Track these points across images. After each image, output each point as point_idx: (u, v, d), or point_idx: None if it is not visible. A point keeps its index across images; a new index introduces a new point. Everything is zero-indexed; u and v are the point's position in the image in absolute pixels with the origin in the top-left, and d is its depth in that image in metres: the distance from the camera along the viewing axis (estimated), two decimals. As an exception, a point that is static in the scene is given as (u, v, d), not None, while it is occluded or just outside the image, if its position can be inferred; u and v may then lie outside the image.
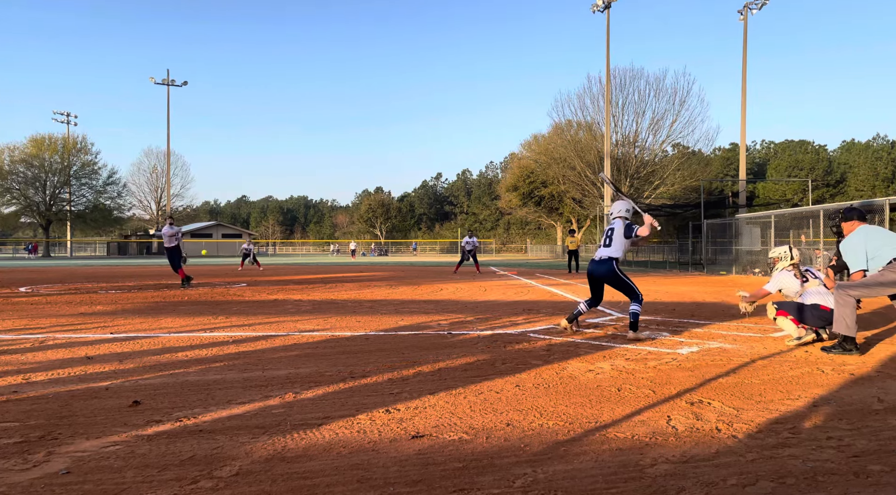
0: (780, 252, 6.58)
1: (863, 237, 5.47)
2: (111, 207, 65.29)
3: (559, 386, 4.13)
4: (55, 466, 2.58)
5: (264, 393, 3.87)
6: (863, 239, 5.45)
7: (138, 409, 3.48)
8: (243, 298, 10.91)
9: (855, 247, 5.47)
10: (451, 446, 2.88)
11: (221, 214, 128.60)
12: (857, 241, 5.48)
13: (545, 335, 6.40)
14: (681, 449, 2.87)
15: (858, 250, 5.42)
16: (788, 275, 6.38)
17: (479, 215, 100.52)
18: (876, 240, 5.40)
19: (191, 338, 6.14)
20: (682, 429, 3.17)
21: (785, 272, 6.43)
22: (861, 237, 5.49)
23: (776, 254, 6.63)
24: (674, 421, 3.32)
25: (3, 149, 59.01)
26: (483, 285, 14.51)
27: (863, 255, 5.38)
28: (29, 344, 5.72)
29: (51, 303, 9.73)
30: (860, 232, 5.55)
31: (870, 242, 5.40)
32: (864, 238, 5.45)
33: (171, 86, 54.67)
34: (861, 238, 5.48)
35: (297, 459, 2.69)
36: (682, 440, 3.00)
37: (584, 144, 46.09)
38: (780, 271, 6.46)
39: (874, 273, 5.32)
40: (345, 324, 7.19)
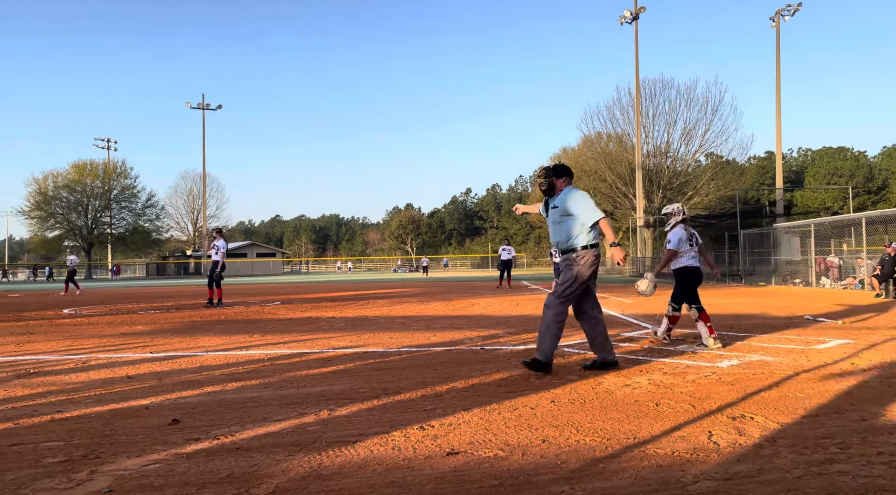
0: (672, 208, 7.05)
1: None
2: (150, 229, 67.04)
3: (595, 401, 4.06)
4: (98, 485, 2.63)
5: (299, 410, 3.90)
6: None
7: (177, 428, 3.53)
8: (278, 316, 11.05)
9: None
10: (487, 463, 2.85)
11: (255, 234, 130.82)
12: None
13: (579, 349, 6.32)
14: (723, 465, 2.79)
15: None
16: (682, 231, 6.80)
17: (510, 229, 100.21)
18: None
19: (227, 356, 6.23)
20: (725, 445, 3.08)
21: (680, 227, 6.84)
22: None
23: (669, 209, 7.07)
24: (715, 436, 3.23)
25: (48, 176, 61.25)
26: (515, 300, 14.43)
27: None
28: (72, 364, 5.87)
29: (93, 325, 9.99)
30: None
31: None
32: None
33: (205, 110, 56.13)
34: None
35: (333, 476, 2.70)
36: (724, 456, 2.92)
37: (614, 156, 45.70)
38: (678, 227, 6.86)
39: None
40: (377, 341, 7.22)
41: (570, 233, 4.98)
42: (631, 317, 9.86)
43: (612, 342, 5.21)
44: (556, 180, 5.14)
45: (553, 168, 5.18)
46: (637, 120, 38.58)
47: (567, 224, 4.97)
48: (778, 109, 29.76)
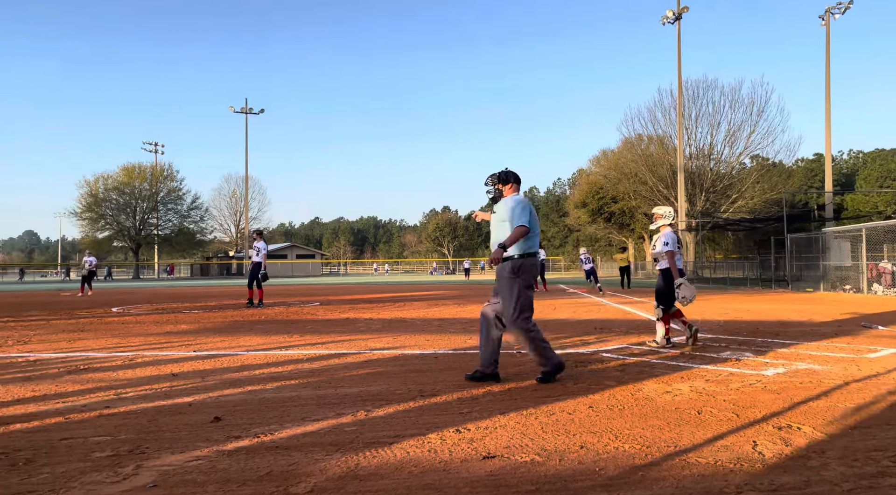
0: (664, 210, 7.19)
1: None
2: (194, 231, 68.78)
3: (635, 407, 3.99)
4: (143, 479, 2.70)
5: (337, 410, 3.94)
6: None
7: (219, 425, 3.60)
8: (316, 317, 11.19)
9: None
10: (524, 468, 2.83)
11: (295, 236, 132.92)
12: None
13: (618, 354, 6.23)
14: (769, 476, 2.71)
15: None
16: (672, 233, 6.93)
17: (547, 232, 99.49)
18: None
19: (267, 356, 6.33)
20: (770, 456, 2.99)
21: (670, 230, 6.98)
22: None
23: (660, 211, 7.19)
24: (760, 446, 3.14)
25: (98, 178, 63.45)
26: (552, 303, 14.30)
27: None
28: (120, 361, 6.06)
29: (140, 323, 10.29)
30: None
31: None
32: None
33: (248, 114, 57.31)
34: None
35: (370, 477, 2.71)
36: (769, 467, 2.83)
37: (655, 158, 44.92)
38: (667, 230, 6.99)
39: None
40: (414, 343, 7.24)
41: (504, 234, 4.91)
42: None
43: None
44: (503, 187, 5.11)
45: (499, 175, 5.13)
46: (679, 121, 37.83)
47: (503, 231, 4.91)
48: (827, 110, 28.82)
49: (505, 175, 5.12)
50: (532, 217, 4.89)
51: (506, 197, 5.07)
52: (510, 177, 5.12)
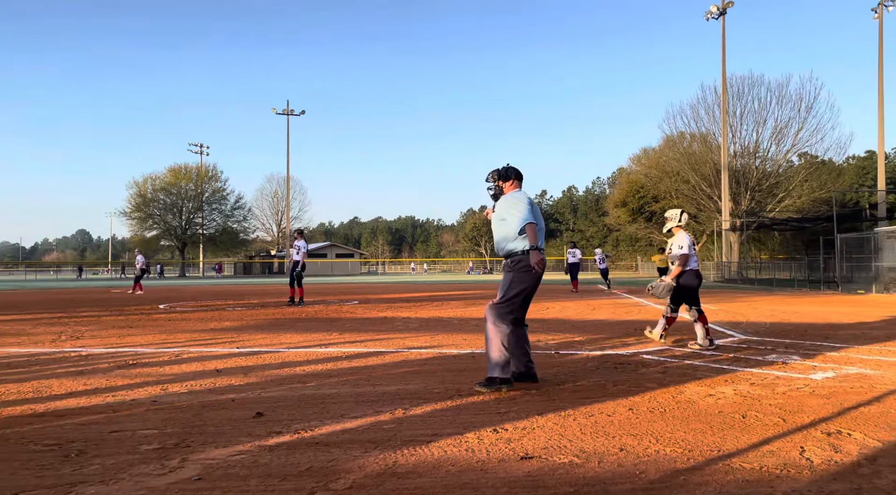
0: (673, 213, 7.23)
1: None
2: (238, 230, 70.30)
3: (676, 410, 3.92)
4: (188, 472, 2.78)
5: (375, 408, 3.97)
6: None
7: (261, 421, 3.68)
8: (355, 315, 11.31)
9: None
10: (562, 469, 2.81)
11: (335, 235, 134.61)
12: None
13: (659, 356, 6.12)
14: (817, 483, 2.62)
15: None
16: (686, 236, 7.02)
17: (586, 232, 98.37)
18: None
19: (307, 353, 6.43)
20: (818, 462, 2.89)
21: (683, 232, 7.07)
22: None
23: (670, 213, 7.25)
24: (808, 452, 3.04)
25: (147, 179, 65.44)
26: (591, 304, 14.14)
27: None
28: (167, 357, 6.24)
29: (185, 320, 10.58)
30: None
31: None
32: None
33: (290, 115, 58.26)
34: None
35: (408, 475, 2.73)
36: (817, 474, 2.74)
37: (698, 157, 43.96)
38: (680, 232, 7.08)
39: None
40: (451, 342, 7.25)
41: (505, 238, 4.75)
42: (715, 324, 9.44)
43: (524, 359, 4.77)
44: (504, 184, 4.95)
45: (500, 171, 4.98)
46: (723, 119, 36.96)
47: (503, 228, 4.76)
48: (880, 105, 27.74)
49: (506, 171, 4.97)
50: (536, 212, 4.73)
51: (506, 194, 4.90)
52: (511, 173, 4.96)
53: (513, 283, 4.65)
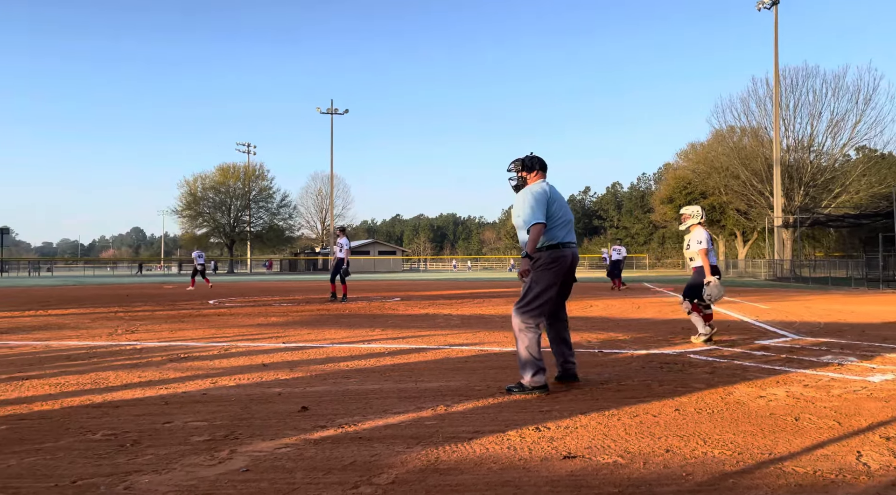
0: (692, 210, 7.21)
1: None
2: (283, 228, 71.80)
3: (725, 412, 3.82)
4: (237, 464, 2.85)
5: (417, 404, 4.00)
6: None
7: (306, 415, 3.75)
8: (397, 312, 11.40)
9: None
10: (606, 469, 2.77)
11: (377, 232, 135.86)
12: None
13: (707, 356, 5.97)
14: (874, 489, 2.52)
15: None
16: (704, 231, 7.00)
17: (631, 229, 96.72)
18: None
19: (351, 349, 6.52)
20: (876, 467, 2.78)
21: (701, 228, 7.04)
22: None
23: (689, 211, 7.22)
24: (865, 457, 2.92)
25: (197, 178, 67.42)
26: (636, 302, 13.90)
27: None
28: (216, 351, 6.42)
29: (233, 315, 10.85)
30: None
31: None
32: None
33: (334, 114, 59.04)
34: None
35: (450, 471, 2.74)
36: (875, 479, 2.63)
37: (749, 151, 42.67)
38: (698, 228, 7.05)
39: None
40: (493, 339, 7.24)
41: (524, 235, 4.40)
42: (767, 323, 9.16)
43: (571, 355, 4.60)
44: (527, 175, 4.58)
45: (523, 161, 4.60)
46: (776, 112, 35.76)
47: (519, 224, 4.45)
48: (946, 95, 26.36)
49: (529, 161, 4.58)
50: (554, 205, 4.37)
51: (528, 185, 4.54)
52: (535, 163, 4.57)
53: (533, 283, 4.36)
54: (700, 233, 6.98)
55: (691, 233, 7.11)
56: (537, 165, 4.58)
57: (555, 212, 4.37)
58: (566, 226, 4.43)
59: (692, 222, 7.13)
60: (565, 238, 4.38)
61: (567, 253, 4.38)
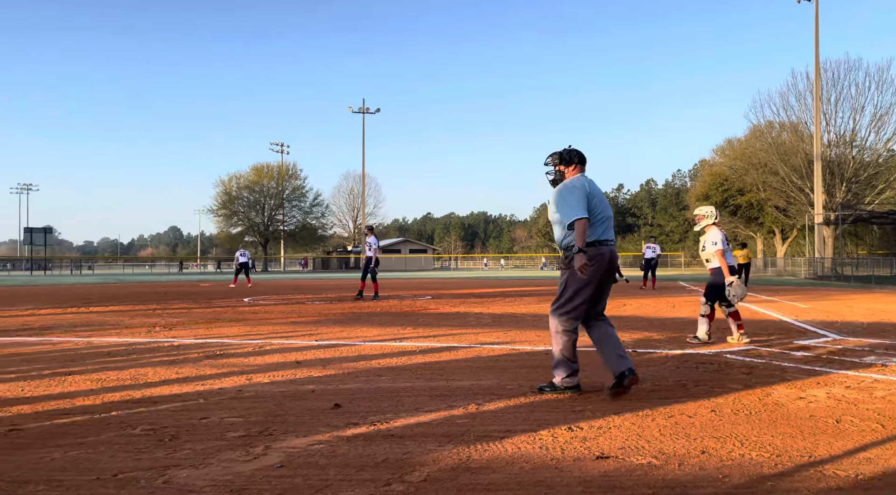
0: (706, 210, 7.14)
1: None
2: (316, 226, 72.65)
3: (763, 413, 3.73)
4: (271, 459, 2.90)
5: (448, 402, 4.00)
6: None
7: (339, 412, 3.78)
8: (428, 310, 11.43)
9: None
10: (639, 470, 2.73)
11: (408, 231, 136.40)
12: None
13: (744, 356, 5.84)
14: (922, 497, 2.43)
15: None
16: (719, 231, 6.93)
17: (665, 227, 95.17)
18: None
19: (382, 347, 6.56)
20: (924, 474, 2.68)
21: (716, 228, 6.98)
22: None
23: (703, 211, 7.13)
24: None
25: (232, 178, 68.65)
26: (671, 301, 13.68)
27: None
28: (251, 348, 6.52)
29: (267, 313, 11.02)
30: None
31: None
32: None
33: (365, 113, 59.46)
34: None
35: (482, 470, 2.74)
36: (923, 487, 2.54)
37: (788, 147, 41.60)
38: (713, 229, 6.99)
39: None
40: (525, 338, 7.21)
41: (563, 231, 4.26)
42: (806, 323, 8.93)
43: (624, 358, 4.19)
44: (565, 169, 4.39)
45: (561, 154, 4.41)
46: (816, 106, 34.79)
47: (556, 220, 4.31)
48: None
49: (568, 154, 4.39)
50: (594, 200, 4.20)
51: (566, 180, 4.37)
52: (574, 156, 4.38)
53: (568, 282, 4.22)
54: (715, 234, 6.91)
55: (706, 233, 7.03)
56: (576, 158, 4.40)
57: (594, 208, 4.22)
58: (605, 223, 4.27)
59: (706, 223, 7.05)
60: (603, 235, 4.23)
61: (605, 251, 4.22)
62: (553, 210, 4.34)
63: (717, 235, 6.89)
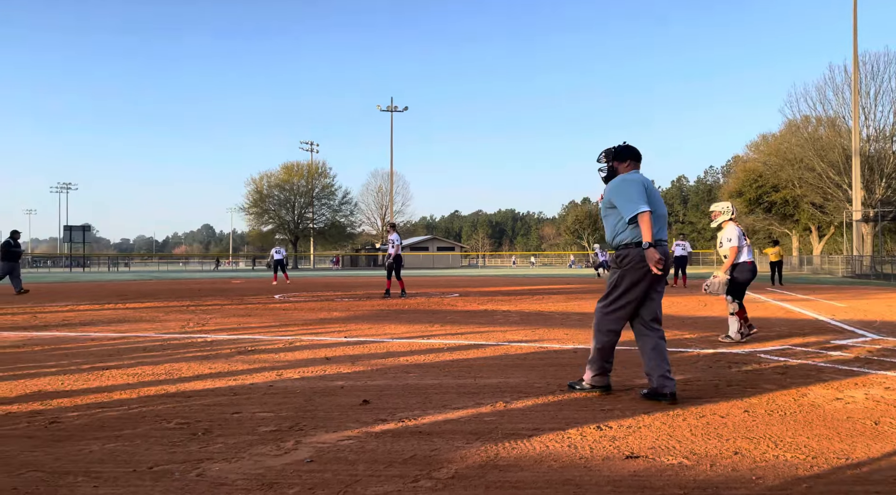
0: (722, 206, 7.06)
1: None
2: (345, 224, 73.26)
3: (798, 414, 3.65)
4: (301, 454, 2.93)
5: (476, 400, 4.00)
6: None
7: (367, 408, 3.82)
8: (456, 308, 11.44)
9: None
10: (670, 470, 2.70)
11: (436, 228, 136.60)
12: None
13: (778, 356, 5.72)
14: (966, 503, 2.36)
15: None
16: (736, 227, 6.91)
17: (697, 224, 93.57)
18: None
19: (410, 344, 6.59)
20: (968, 479, 2.59)
21: (733, 224, 6.94)
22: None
23: (719, 208, 7.07)
24: (955, 467, 2.74)
25: (263, 177, 69.62)
26: (702, 299, 13.46)
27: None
28: (281, 344, 6.61)
29: (297, 310, 11.16)
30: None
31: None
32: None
33: (393, 112, 59.69)
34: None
35: (509, 468, 2.73)
36: (967, 492, 2.46)
37: (825, 142, 40.55)
38: (730, 225, 6.94)
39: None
40: (553, 336, 7.17)
41: (614, 228, 4.15)
42: (844, 322, 8.70)
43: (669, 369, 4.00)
44: (619, 165, 4.26)
45: (616, 150, 4.29)
46: (855, 100, 33.84)
47: (611, 217, 4.16)
48: None
49: (623, 150, 4.28)
50: (650, 197, 4.04)
51: (621, 175, 4.23)
52: (628, 152, 4.26)
53: (619, 282, 4.06)
54: (731, 230, 6.89)
55: (723, 230, 6.97)
56: (630, 155, 4.27)
57: (654, 205, 4.06)
58: (659, 222, 4.10)
59: (723, 219, 7.03)
60: (658, 234, 4.05)
61: (666, 250, 4.09)
62: (609, 204, 4.18)
63: (733, 231, 6.86)
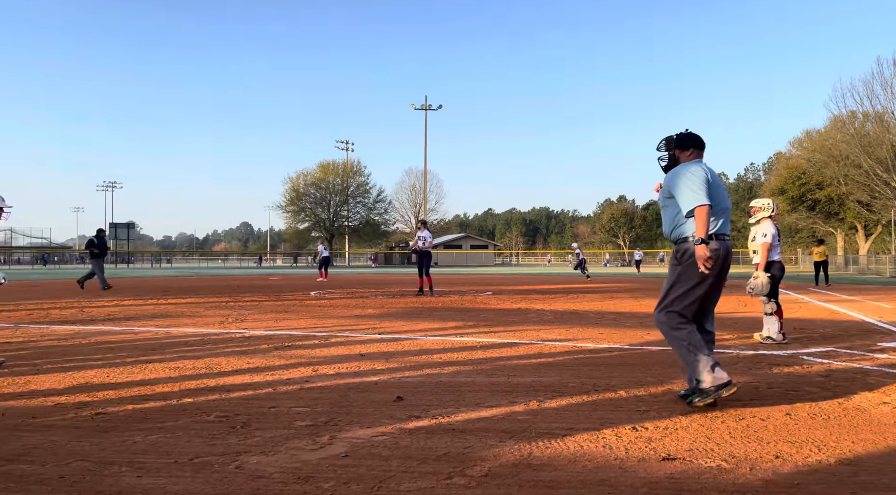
0: (763, 203, 6.97)
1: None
2: (379, 222, 73.76)
3: (842, 418, 3.54)
4: (336, 449, 2.97)
5: (509, 398, 3.99)
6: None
7: (401, 404, 3.84)
8: (489, 306, 11.42)
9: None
10: (708, 473, 2.65)
11: (470, 226, 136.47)
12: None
13: (822, 358, 5.56)
14: None
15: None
16: (773, 225, 6.81)
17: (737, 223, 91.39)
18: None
19: (443, 341, 6.61)
20: None
21: (770, 222, 6.84)
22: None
23: (759, 203, 6.98)
24: None
25: (300, 175, 70.58)
26: (742, 299, 13.16)
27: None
28: (317, 340, 6.70)
29: (333, 306, 11.29)
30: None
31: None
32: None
33: (428, 110, 59.81)
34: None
35: (543, 467, 2.72)
36: None
37: (872, 138, 39.20)
38: (767, 221, 6.83)
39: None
40: (587, 336, 7.10)
41: (672, 221, 3.94)
42: (891, 324, 8.40)
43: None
44: (681, 154, 4.03)
45: (678, 138, 4.07)
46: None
47: (670, 209, 3.96)
48: None
49: (685, 137, 4.05)
50: (713, 189, 3.83)
51: (682, 164, 4.01)
52: (690, 140, 4.03)
53: (679, 279, 3.85)
54: (767, 227, 6.79)
55: (760, 225, 6.86)
56: (693, 143, 4.04)
57: (713, 197, 3.82)
58: (723, 215, 3.89)
59: (762, 215, 6.92)
60: (721, 229, 3.85)
61: (722, 246, 3.83)
62: (668, 194, 3.98)
63: (769, 228, 6.76)
